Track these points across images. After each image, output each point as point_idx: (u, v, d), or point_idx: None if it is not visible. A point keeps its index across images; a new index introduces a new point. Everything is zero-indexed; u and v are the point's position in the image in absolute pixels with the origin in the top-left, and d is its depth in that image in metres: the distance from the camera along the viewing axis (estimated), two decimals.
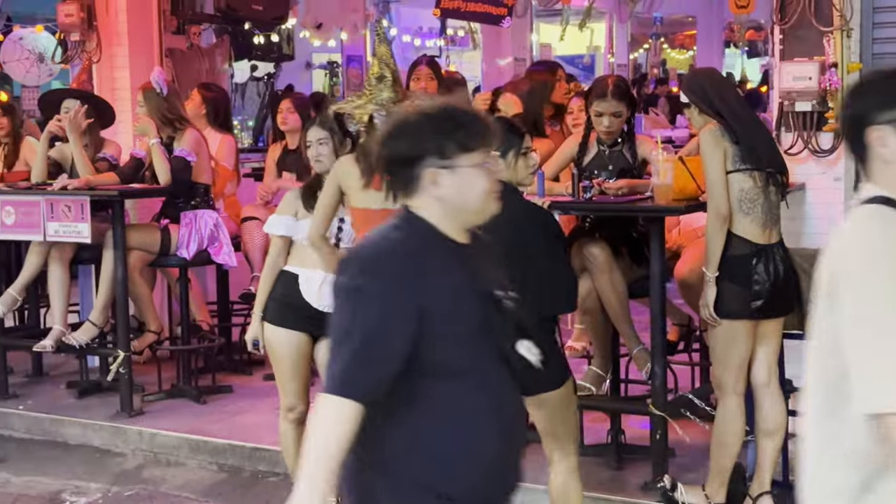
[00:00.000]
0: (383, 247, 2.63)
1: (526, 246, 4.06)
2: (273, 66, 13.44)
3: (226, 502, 5.58)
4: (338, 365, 2.54)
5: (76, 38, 7.63)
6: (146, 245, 6.67)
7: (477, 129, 2.63)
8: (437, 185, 2.61)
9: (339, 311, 2.59)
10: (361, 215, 4.59)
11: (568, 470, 4.26)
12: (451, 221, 2.66)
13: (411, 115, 2.68)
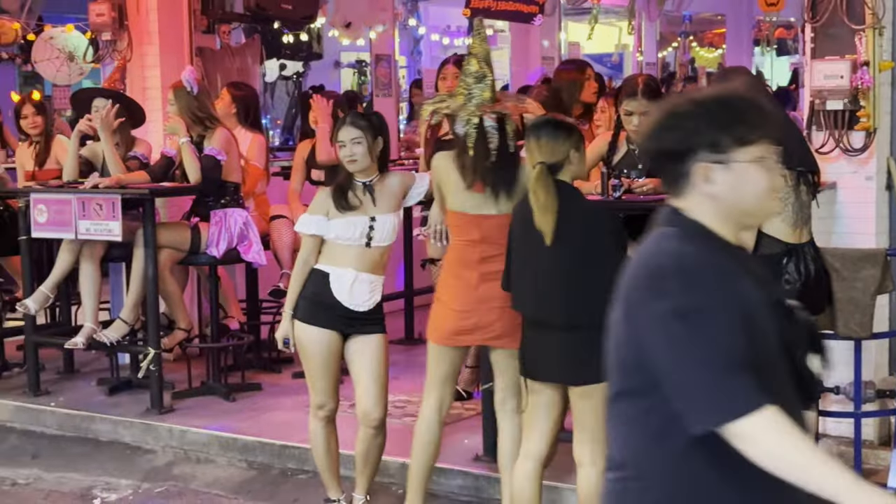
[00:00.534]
0: (687, 257, 2.29)
1: (597, 246, 4.13)
2: (302, 65, 13.49)
3: (255, 499, 5.60)
4: (715, 392, 2.16)
5: (107, 37, 7.68)
6: (176, 243, 6.70)
7: (757, 120, 2.35)
8: (710, 182, 2.32)
9: (674, 338, 2.20)
10: (456, 219, 4.62)
11: (599, 472, 4.24)
12: (724, 223, 2.36)
13: (682, 105, 2.40)
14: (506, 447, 4.69)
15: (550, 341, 4.24)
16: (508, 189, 4.54)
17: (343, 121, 4.81)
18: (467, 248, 4.60)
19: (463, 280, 4.59)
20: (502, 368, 4.69)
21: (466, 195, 4.58)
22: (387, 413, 4.92)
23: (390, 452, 5.17)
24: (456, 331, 4.62)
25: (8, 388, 7.09)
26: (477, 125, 4.54)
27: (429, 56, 15.05)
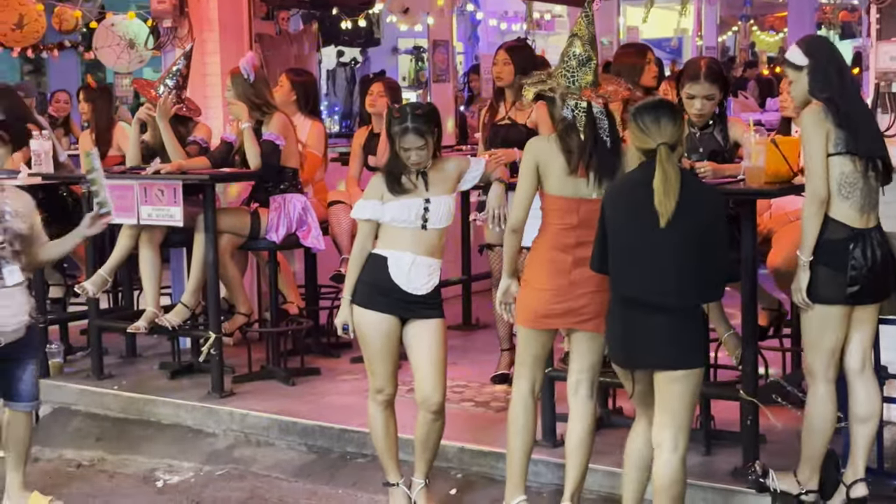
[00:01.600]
0: None
1: (710, 227, 4.17)
2: (359, 51, 13.54)
3: (314, 483, 5.64)
4: None
5: (168, 24, 7.74)
6: (236, 228, 6.76)
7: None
8: None
9: None
10: (555, 202, 4.58)
11: (680, 458, 4.27)
12: None
13: None
14: (575, 433, 4.69)
15: (651, 324, 4.23)
16: (612, 174, 4.53)
17: (405, 128, 4.74)
18: (564, 231, 4.57)
19: (556, 263, 4.58)
20: (583, 351, 4.68)
21: (568, 179, 4.54)
22: (445, 397, 4.93)
23: (448, 437, 5.18)
24: (546, 314, 4.61)
25: (73, 371, 7.19)
26: (586, 109, 4.51)
27: (486, 41, 15.02)
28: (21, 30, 8.71)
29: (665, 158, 4.15)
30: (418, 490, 5.01)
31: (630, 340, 4.30)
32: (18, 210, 5.15)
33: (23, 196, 5.25)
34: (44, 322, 7.13)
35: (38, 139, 7.25)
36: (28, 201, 5.24)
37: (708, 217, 4.20)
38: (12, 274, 5.08)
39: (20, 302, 5.15)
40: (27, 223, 5.18)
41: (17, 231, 5.12)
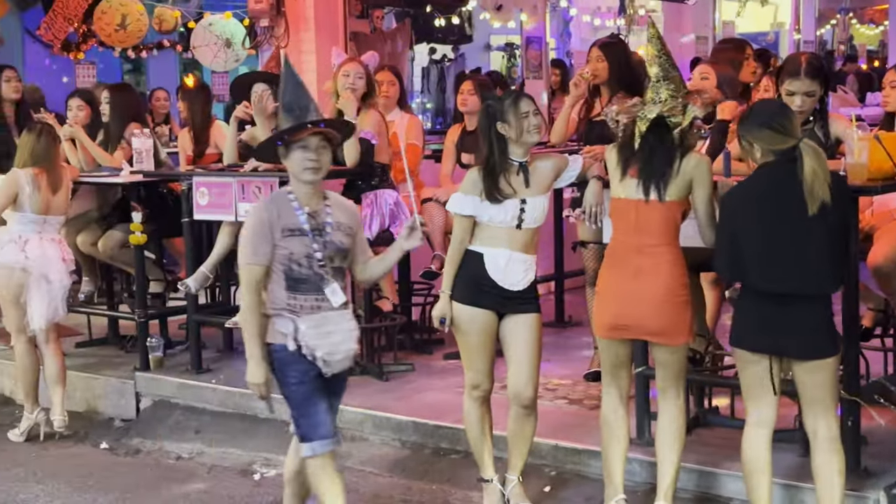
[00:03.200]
0: None
1: (840, 217, 4.26)
2: (451, 48, 13.57)
3: (409, 478, 5.68)
4: None
5: (265, 24, 7.86)
6: None
7: None
8: None
9: None
10: (614, 204, 4.66)
11: (832, 442, 4.33)
12: None
13: None
14: (666, 432, 4.66)
15: (793, 315, 4.25)
16: (658, 181, 4.53)
17: (516, 97, 4.79)
18: (625, 235, 4.59)
19: (619, 272, 4.59)
20: (662, 362, 4.67)
21: (622, 181, 4.58)
22: (538, 393, 4.93)
23: (542, 434, 5.18)
24: (614, 325, 4.62)
25: (172, 365, 7.31)
26: (655, 118, 4.51)
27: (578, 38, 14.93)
28: (124, 30, 8.90)
29: (812, 151, 4.19)
30: (512, 486, 5.01)
31: (768, 331, 4.30)
32: (341, 222, 4.49)
33: (346, 206, 4.60)
34: (144, 317, 7.29)
35: (140, 137, 7.40)
36: (353, 212, 4.61)
37: (839, 205, 4.24)
38: (335, 293, 4.40)
39: (347, 327, 4.45)
40: (350, 236, 4.52)
41: (339, 245, 4.46)
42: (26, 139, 6.73)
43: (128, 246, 7.42)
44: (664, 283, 4.52)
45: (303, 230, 4.37)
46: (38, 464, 6.34)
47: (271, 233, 4.35)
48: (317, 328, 4.34)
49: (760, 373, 4.37)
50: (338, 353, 4.38)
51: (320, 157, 4.39)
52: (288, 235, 4.35)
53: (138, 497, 5.73)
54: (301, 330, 4.34)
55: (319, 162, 4.39)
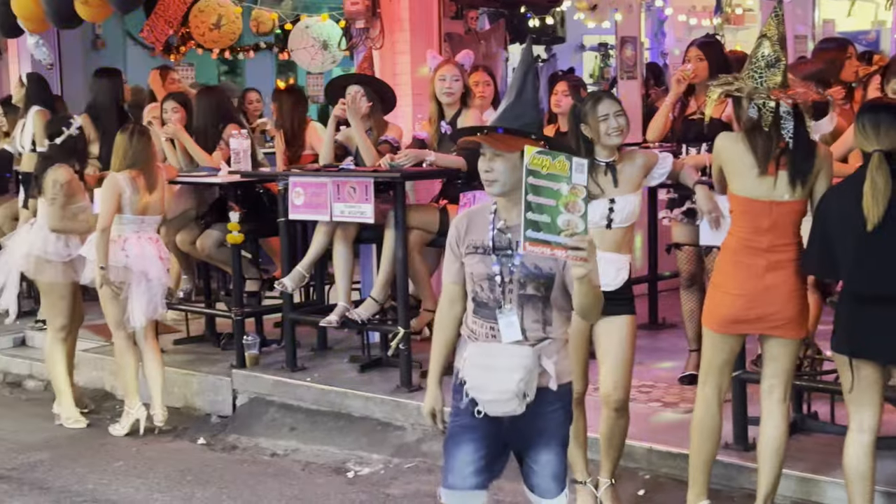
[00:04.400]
0: None
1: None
2: (544, 49, 13.52)
3: (502, 479, 5.65)
4: None
5: (360, 25, 7.90)
6: (426, 225, 6.84)
7: None
8: None
9: None
10: (743, 204, 4.53)
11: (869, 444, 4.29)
12: None
13: None
14: (769, 437, 4.59)
15: (892, 319, 4.19)
16: (805, 176, 4.45)
17: (598, 97, 4.77)
18: (755, 234, 4.50)
19: (747, 268, 4.51)
20: (775, 356, 4.59)
21: (758, 181, 4.48)
22: (629, 396, 4.89)
23: (636, 437, 5.14)
24: (737, 319, 4.55)
25: (267, 363, 7.40)
26: (773, 109, 4.43)
27: (673, 37, 14.77)
28: (218, 30, 9.01)
29: (876, 166, 4.12)
30: (605, 489, 4.98)
31: (867, 334, 4.24)
32: None
33: None
34: (241, 315, 7.39)
35: (238, 138, 7.51)
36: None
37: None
38: (509, 327, 3.70)
39: (514, 365, 3.63)
40: (558, 260, 3.62)
41: (532, 270, 3.71)
42: (120, 141, 6.86)
43: (225, 245, 7.53)
44: (793, 276, 4.48)
45: (486, 248, 3.75)
46: (138, 458, 6.47)
47: (458, 248, 3.85)
48: (479, 358, 3.71)
49: (862, 378, 4.28)
50: (487, 392, 3.66)
51: (493, 166, 3.70)
52: (471, 252, 3.79)
53: (235, 492, 5.81)
54: (465, 357, 3.77)
55: (493, 172, 3.71)
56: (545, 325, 3.71)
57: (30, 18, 8.56)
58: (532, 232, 3.42)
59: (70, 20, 8.42)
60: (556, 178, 3.40)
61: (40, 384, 8.10)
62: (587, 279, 3.48)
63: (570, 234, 3.38)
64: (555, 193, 3.40)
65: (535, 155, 3.42)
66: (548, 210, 3.40)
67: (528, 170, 3.42)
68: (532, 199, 3.42)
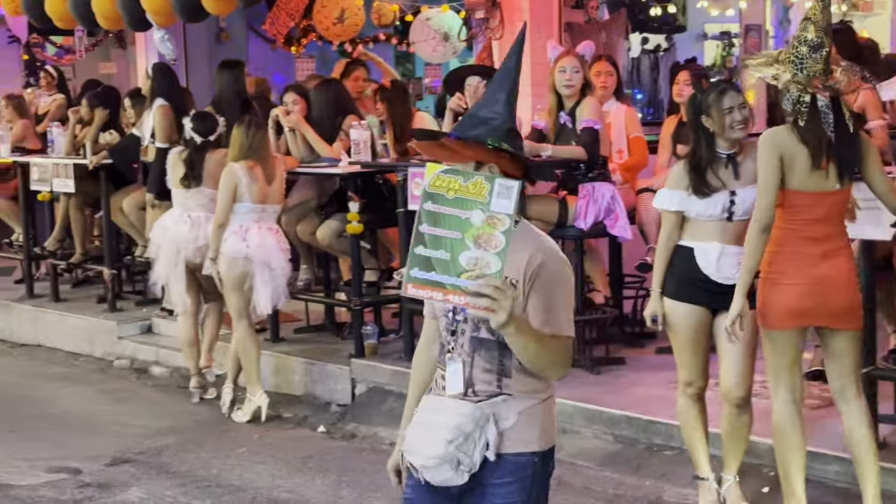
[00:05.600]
0: None
1: None
2: (665, 38, 13.35)
3: (621, 473, 5.62)
4: None
5: (480, 15, 7.89)
6: (544, 215, 6.80)
7: None
8: None
9: None
10: (797, 198, 4.44)
11: None
12: None
13: None
14: (858, 437, 4.49)
15: None
16: (851, 166, 4.37)
17: (722, 89, 4.69)
18: (809, 225, 4.42)
19: (805, 257, 4.42)
20: (839, 353, 4.48)
21: (812, 173, 4.38)
22: (751, 392, 4.79)
23: (760, 433, 5.03)
24: (798, 310, 4.44)
25: (385, 353, 7.45)
26: (808, 104, 4.31)
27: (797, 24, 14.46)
28: (342, 24, 9.10)
29: None
30: (728, 486, 4.90)
31: None
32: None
33: (523, 246, 2.90)
34: (360, 305, 7.45)
35: (358, 129, 7.57)
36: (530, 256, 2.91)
37: None
38: (452, 375, 3.00)
39: (449, 424, 2.93)
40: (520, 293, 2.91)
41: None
42: (236, 134, 6.97)
43: (344, 235, 7.60)
44: (847, 264, 4.43)
45: None
46: (259, 444, 6.58)
47: None
48: (421, 413, 3.07)
49: None
50: (418, 456, 2.99)
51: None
52: None
53: (354, 480, 5.86)
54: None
55: None
56: (500, 376, 2.96)
57: (158, 12, 8.75)
58: (419, 271, 2.69)
59: (196, 14, 8.59)
60: (466, 203, 2.65)
61: (166, 370, 8.29)
62: (511, 333, 2.73)
63: (475, 276, 2.62)
64: (461, 224, 2.65)
65: (441, 175, 2.68)
66: (447, 244, 2.66)
67: (427, 193, 2.69)
68: (426, 229, 2.68)
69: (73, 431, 6.91)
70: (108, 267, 9.21)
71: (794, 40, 4.42)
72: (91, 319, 9.09)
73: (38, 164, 9.54)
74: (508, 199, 2.62)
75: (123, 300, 9.42)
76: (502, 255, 2.63)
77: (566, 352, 2.92)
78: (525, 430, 2.97)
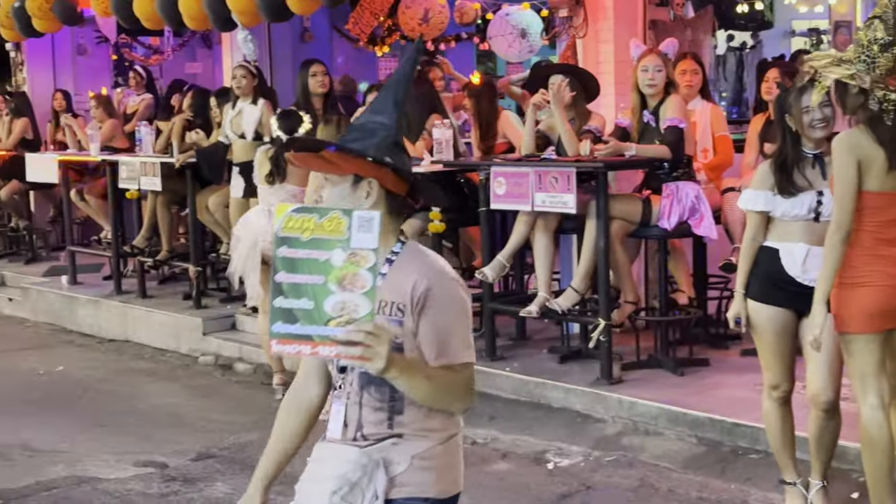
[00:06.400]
0: None
1: None
2: (750, 35, 13.17)
3: (705, 476, 5.55)
4: None
5: (563, 13, 7.85)
6: (628, 215, 6.76)
7: None
8: None
9: None
10: (875, 199, 4.34)
11: None
12: None
13: None
14: None
15: None
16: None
17: (802, 88, 4.60)
18: (887, 227, 4.33)
19: (886, 259, 4.33)
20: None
21: (888, 174, 4.29)
22: (839, 395, 4.69)
23: (848, 438, 4.93)
24: (883, 311, 4.34)
25: None
26: (894, 102, 4.20)
27: None
28: (427, 23, 9.12)
29: None
30: (815, 491, 4.81)
31: None
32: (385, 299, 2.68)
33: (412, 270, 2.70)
34: None
35: (440, 128, 7.58)
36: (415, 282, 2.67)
37: None
38: (335, 416, 2.79)
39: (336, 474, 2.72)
40: (399, 323, 2.68)
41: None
42: (324, 133, 7.02)
43: (426, 234, 7.61)
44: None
45: None
46: None
47: None
48: (310, 462, 2.86)
49: None
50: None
51: (323, 195, 2.81)
52: None
53: None
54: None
55: (322, 203, 2.78)
56: (392, 415, 2.71)
57: (243, 12, 8.84)
58: (282, 325, 2.44)
59: (281, 13, 8.67)
60: (323, 243, 2.43)
61: (250, 367, 8.38)
62: (394, 376, 2.51)
63: (344, 323, 2.40)
64: (321, 266, 2.42)
65: (292, 215, 2.45)
66: (309, 291, 2.42)
67: (280, 238, 2.45)
68: (283, 278, 2.44)
69: (160, 426, 7.02)
70: (194, 264, 9.34)
71: (864, 39, 4.31)
72: (177, 316, 9.23)
73: (127, 162, 9.71)
74: (370, 232, 2.41)
75: (208, 297, 9.54)
76: (371, 295, 2.41)
77: (464, 383, 2.70)
78: (419, 475, 2.71)
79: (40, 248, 12.59)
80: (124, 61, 13.91)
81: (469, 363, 2.70)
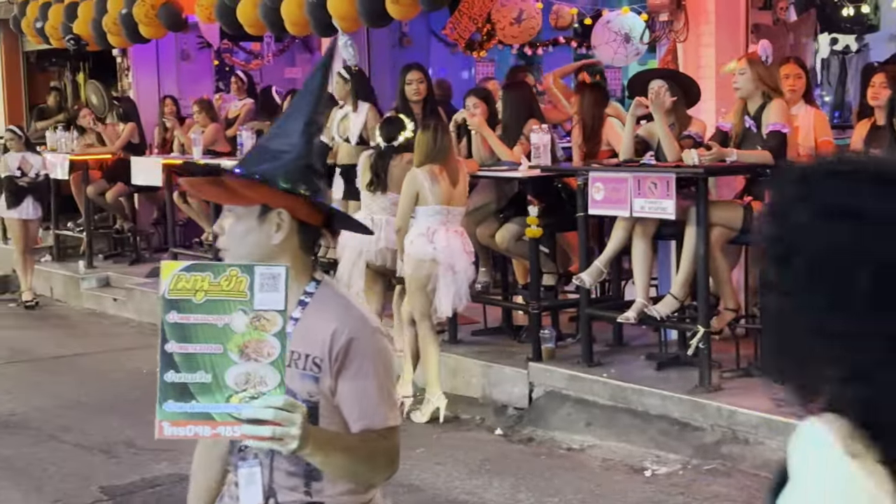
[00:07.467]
0: None
1: None
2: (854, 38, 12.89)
3: None
4: None
5: (664, 18, 7.79)
6: (728, 222, 6.67)
7: None
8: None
9: None
10: None
11: None
12: None
13: None
14: None
15: None
16: None
17: None
18: None
19: None
20: None
21: None
22: None
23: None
24: None
25: (562, 357, 7.42)
26: None
27: None
28: (518, 25, 9.11)
29: None
30: None
31: None
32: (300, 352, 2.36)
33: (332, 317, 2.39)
34: (538, 308, 7.45)
35: (538, 133, 7.57)
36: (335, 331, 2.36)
37: None
38: (249, 483, 2.41)
39: None
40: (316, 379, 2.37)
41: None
42: (421, 139, 7.06)
43: (523, 239, 7.61)
44: None
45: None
46: (437, 445, 6.65)
47: None
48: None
49: None
50: None
51: (223, 225, 2.46)
52: None
53: (532, 484, 5.87)
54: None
55: (222, 236, 2.45)
56: (308, 480, 2.38)
57: (344, 18, 8.94)
58: (174, 404, 2.08)
59: (380, 18, 8.75)
60: (221, 306, 2.08)
61: None
62: (309, 454, 2.20)
63: (249, 398, 2.07)
64: (219, 333, 2.08)
65: (181, 274, 2.09)
66: (206, 363, 2.08)
67: (167, 301, 2.10)
68: (174, 348, 2.09)
69: None
70: None
71: None
72: None
73: (228, 166, 9.85)
74: (276, 290, 2.06)
75: None
76: (280, 365, 2.08)
77: (388, 452, 2.36)
78: None
79: (144, 250, 12.86)
80: (225, 66, 14.14)
81: (394, 427, 2.37)
